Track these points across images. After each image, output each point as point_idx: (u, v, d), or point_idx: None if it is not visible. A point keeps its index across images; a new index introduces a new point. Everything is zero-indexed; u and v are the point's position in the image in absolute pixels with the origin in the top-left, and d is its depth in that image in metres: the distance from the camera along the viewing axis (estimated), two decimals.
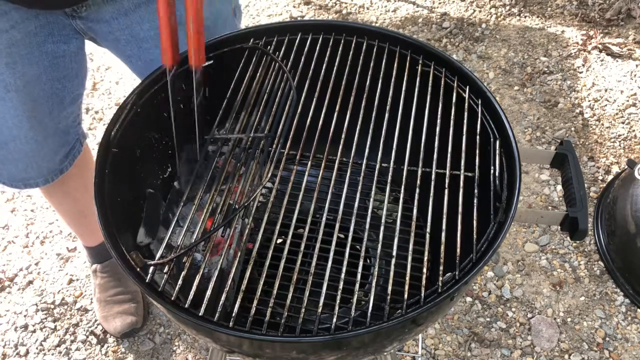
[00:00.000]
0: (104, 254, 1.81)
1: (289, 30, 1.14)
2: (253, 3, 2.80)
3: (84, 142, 1.45)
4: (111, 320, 1.75)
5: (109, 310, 1.77)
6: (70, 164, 1.41)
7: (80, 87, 1.32)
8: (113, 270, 1.80)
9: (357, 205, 0.94)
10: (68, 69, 1.22)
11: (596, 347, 1.72)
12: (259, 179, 0.97)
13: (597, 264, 1.89)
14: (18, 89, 1.16)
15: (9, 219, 2.07)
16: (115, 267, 1.81)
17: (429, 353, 1.72)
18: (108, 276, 1.80)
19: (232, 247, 0.93)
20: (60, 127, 1.32)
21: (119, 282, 1.80)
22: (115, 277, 1.80)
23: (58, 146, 1.35)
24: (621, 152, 2.15)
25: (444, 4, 2.74)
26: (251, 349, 0.87)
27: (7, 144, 1.24)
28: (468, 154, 0.99)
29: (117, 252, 0.87)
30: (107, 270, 1.81)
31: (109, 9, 1.14)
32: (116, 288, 1.79)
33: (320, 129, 1.02)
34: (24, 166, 1.31)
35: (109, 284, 1.79)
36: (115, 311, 1.76)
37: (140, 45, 1.21)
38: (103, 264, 1.81)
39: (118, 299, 1.77)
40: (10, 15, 1.07)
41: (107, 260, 1.81)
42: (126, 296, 1.78)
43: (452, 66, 1.08)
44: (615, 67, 2.41)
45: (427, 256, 0.90)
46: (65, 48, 1.19)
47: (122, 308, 1.76)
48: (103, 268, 1.81)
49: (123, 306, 1.76)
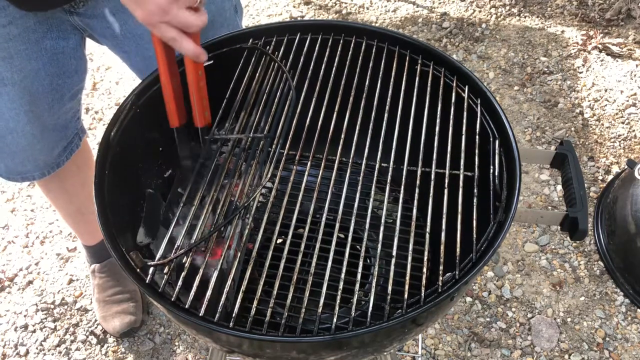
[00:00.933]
0: (102, 254, 1.81)
1: (289, 30, 1.15)
2: (253, 3, 2.80)
3: (83, 137, 1.46)
4: (110, 320, 1.75)
5: (107, 310, 1.77)
6: (68, 158, 1.41)
7: (80, 82, 1.32)
8: (111, 270, 1.80)
9: (357, 205, 0.94)
10: (67, 65, 1.23)
11: (596, 347, 1.72)
12: (258, 179, 0.97)
13: (597, 264, 1.89)
14: (15, 83, 1.16)
15: (9, 219, 2.07)
16: (113, 266, 1.81)
17: (429, 353, 1.72)
18: (106, 276, 1.80)
19: (232, 247, 0.93)
20: (60, 122, 1.32)
21: (118, 282, 1.80)
22: (114, 277, 1.80)
23: (56, 140, 1.35)
24: (621, 152, 2.15)
25: (444, 4, 2.74)
26: (251, 349, 0.87)
27: (4, 137, 1.24)
28: (467, 154, 0.99)
29: (117, 252, 0.87)
30: (105, 270, 1.81)
31: (106, 5, 1.14)
32: (115, 288, 1.79)
33: (319, 128, 1.02)
34: (20, 159, 1.31)
35: (108, 284, 1.79)
36: (114, 311, 1.76)
37: (137, 42, 1.21)
38: (101, 264, 1.81)
39: (117, 298, 1.77)
40: (8, 10, 1.07)
41: (106, 260, 1.81)
42: (125, 295, 1.78)
43: (451, 66, 1.08)
44: (615, 67, 2.41)
45: (427, 256, 0.90)
46: (64, 44, 1.19)
47: (120, 308, 1.76)
48: (101, 268, 1.81)
49: (122, 306, 1.76)
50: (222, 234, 0.95)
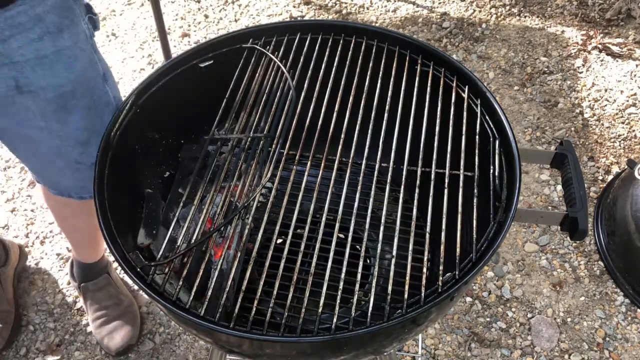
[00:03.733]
0: (96, 271, 1.78)
1: (289, 30, 1.15)
2: (253, 3, 2.80)
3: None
4: (110, 339, 1.72)
5: (104, 328, 1.74)
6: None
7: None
8: (102, 286, 1.77)
9: (357, 205, 0.94)
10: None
11: (596, 347, 1.72)
12: (258, 179, 0.97)
13: (597, 264, 1.89)
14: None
15: (9, 219, 2.07)
16: (106, 284, 1.78)
17: (429, 353, 1.72)
18: (100, 292, 1.77)
19: (232, 247, 0.93)
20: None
21: (111, 298, 1.77)
22: (107, 294, 1.77)
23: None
24: (621, 152, 2.15)
25: (444, 4, 2.74)
26: (251, 349, 0.87)
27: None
28: (467, 154, 0.99)
29: (118, 253, 0.87)
30: (98, 287, 1.77)
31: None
32: (108, 304, 1.76)
33: (319, 128, 1.02)
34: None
35: (102, 303, 1.76)
36: (110, 329, 1.73)
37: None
38: (94, 281, 1.77)
39: (112, 316, 1.74)
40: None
41: (100, 277, 1.78)
42: (119, 311, 1.75)
43: (451, 66, 1.08)
44: (615, 67, 2.41)
45: (427, 256, 0.90)
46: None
47: (117, 324, 1.73)
48: (93, 285, 1.77)
49: (118, 322, 1.73)
50: (222, 234, 0.95)
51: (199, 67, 1.11)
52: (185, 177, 1.12)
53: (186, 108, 1.12)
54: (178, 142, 1.17)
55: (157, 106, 1.07)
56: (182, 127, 1.16)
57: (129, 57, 2.58)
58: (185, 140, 1.17)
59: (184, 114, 1.12)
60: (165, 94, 1.08)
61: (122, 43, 2.64)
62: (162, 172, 1.16)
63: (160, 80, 1.08)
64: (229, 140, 1.03)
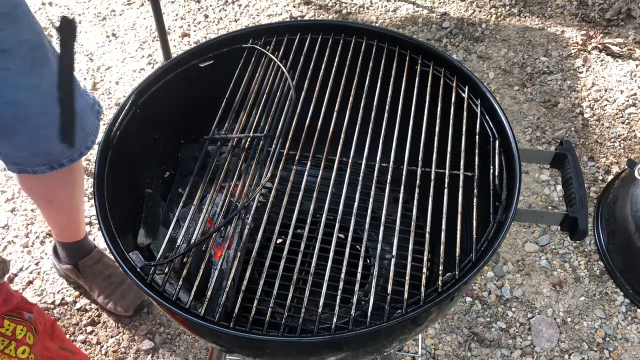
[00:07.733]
0: (85, 249, 1.79)
1: (289, 30, 1.15)
2: (253, 3, 2.80)
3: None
4: (118, 301, 1.75)
5: (111, 293, 1.76)
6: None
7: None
8: (99, 259, 1.79)
9: (356, 205, 0.94)
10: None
11: (596, 347, 1.72)
12: (258, 179, 0.97)
13: (597, 264, 1.89)
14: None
15: (9, 219, 2.07)
16: (101, 255, 1.79)
17: (429, 353, 1.72)
18: (98, 264, 1.79)
19: (232, 247, 0.93)
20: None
21: (109, 267, 1.79)
22: (104, 264, 1.79)
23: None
24: (621, 152, 2.15)
25: (444, 4, 2.74)
26: (251, 349, 0.87)
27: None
28: (467, 154, 0.99)
29: (118, 253, 0.87)
30: (93, 261, 1.79)
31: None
32: (108, 272, 1.78)
33: (319, 128, 1.02)
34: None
35: (102, 273, 1.78)
36: (119, 292, 1.75)
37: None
38: (89, 256, 1.79)
39: (116, 280, 1.77)
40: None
41: (93, 251, 1.80)
42: (121, 277, 1.78)
43: (451, 66, 1.08)
44: (615, 67, 2.41)
45: (427, 256, 0.90)
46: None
47: (124, 287, 1.76)
48: (89, 260, 1.79)
49: (124, 285, 1.76)
50: (222, 234, 0.95)
51: (199, 67, 1.11)
52: (185, 177, 1.12)
53: (186, 108, 1.12)
54: (178, 142, 1.17)
55: (157, 106, 1.07)
56: (182, 127, 1.16)
57: (129, 57, 2.58)
58: (185, 140, 1.17)
59: (184, 114, 1.12)
60: (165, 94, 1.08)
61: (122, 43, 2.64)
62: (162, 172, 1.16)
63: (160, 80, 1.08)
64: (229, 140, 1.03)
